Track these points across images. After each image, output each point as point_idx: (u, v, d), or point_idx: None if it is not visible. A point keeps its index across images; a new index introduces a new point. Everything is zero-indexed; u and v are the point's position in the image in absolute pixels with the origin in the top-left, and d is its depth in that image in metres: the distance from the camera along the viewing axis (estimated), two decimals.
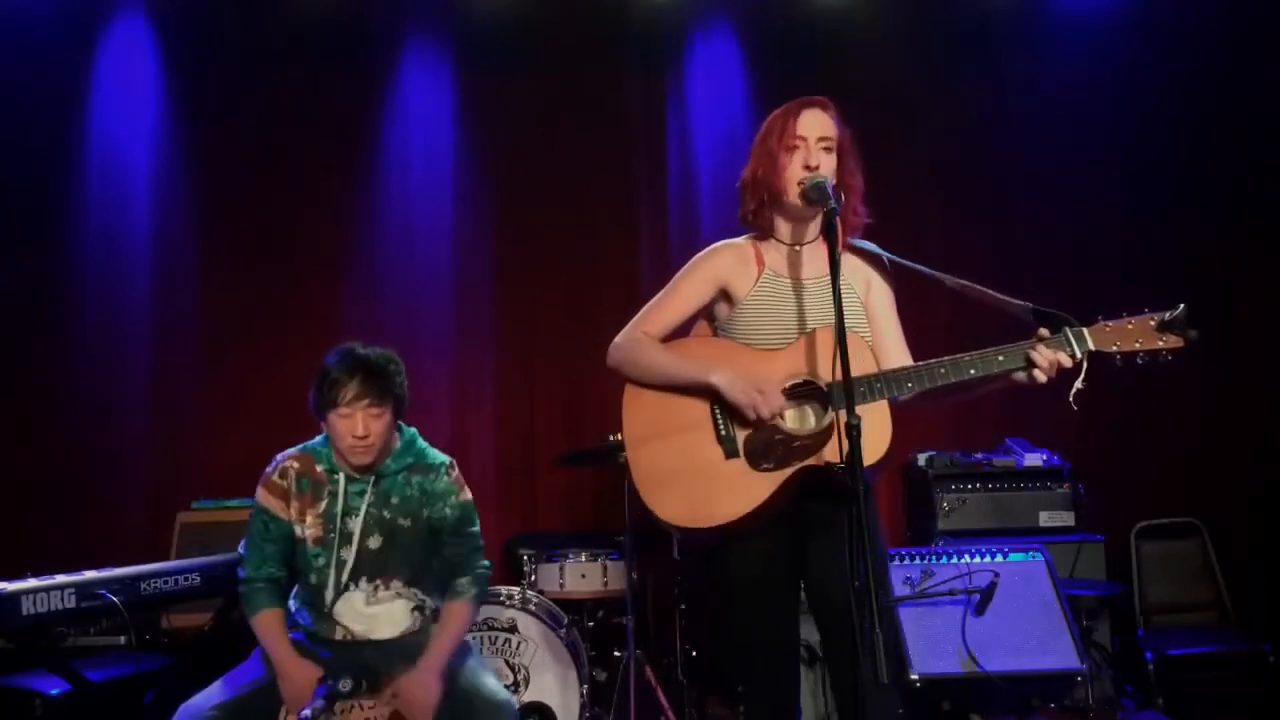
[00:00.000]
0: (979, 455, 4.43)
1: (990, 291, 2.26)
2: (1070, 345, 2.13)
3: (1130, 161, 4.99)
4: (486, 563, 2.79)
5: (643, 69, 5.09)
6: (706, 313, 2.46)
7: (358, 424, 2.53)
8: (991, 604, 3.63)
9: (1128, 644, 4.18)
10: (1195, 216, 4.85)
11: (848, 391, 1.97)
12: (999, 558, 3.80)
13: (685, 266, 2.46)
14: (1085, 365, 2.13)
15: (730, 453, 2.23)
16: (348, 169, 4.91)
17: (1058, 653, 3.58)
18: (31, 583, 2.50)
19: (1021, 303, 2.21)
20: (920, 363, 2.22)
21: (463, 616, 2.68)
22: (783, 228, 2.39)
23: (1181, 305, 2.11)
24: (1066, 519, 4.28)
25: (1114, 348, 2.12)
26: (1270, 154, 4.79)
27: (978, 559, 3.79)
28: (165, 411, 4.68)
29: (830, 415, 2.15)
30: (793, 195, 2.29)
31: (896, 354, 2.37)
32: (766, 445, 2.20)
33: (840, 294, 2.03)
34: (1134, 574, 4.43)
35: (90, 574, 2.65)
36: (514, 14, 4.98)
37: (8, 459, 4.49)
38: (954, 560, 3.77)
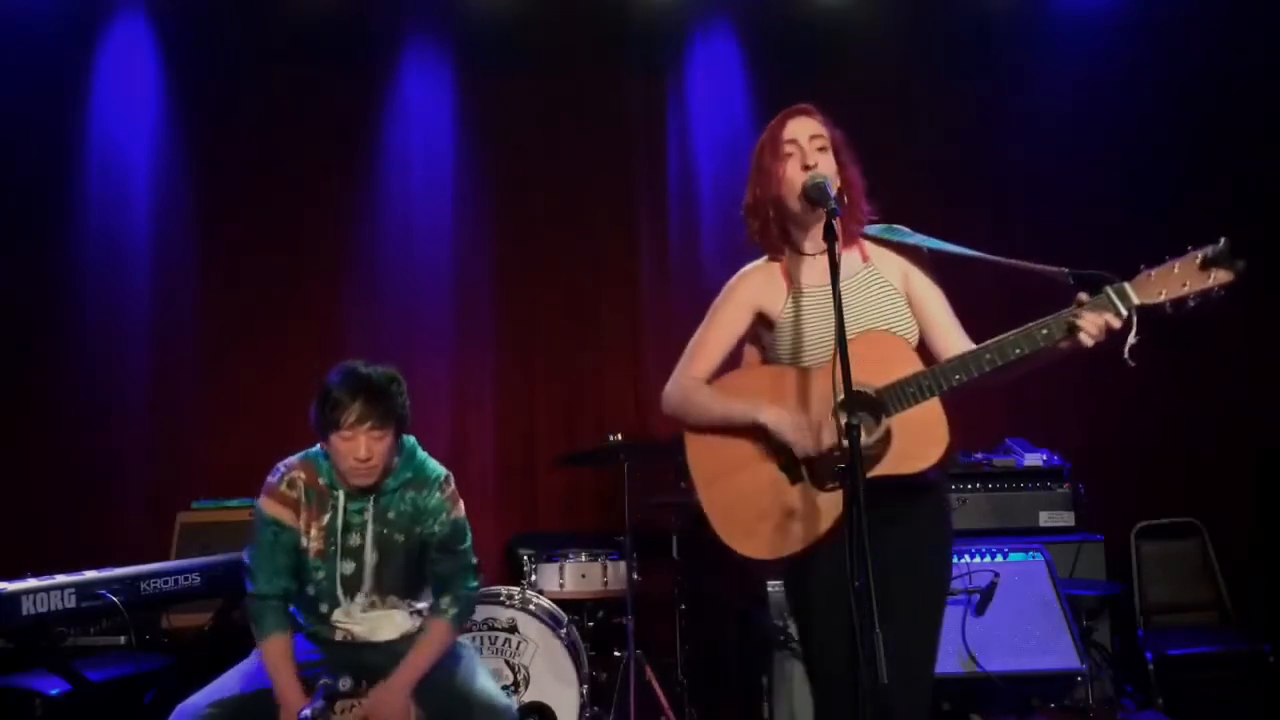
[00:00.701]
0: (979, 455, 4.42)
1: (1026, 263, 2.23)
2: (1114, 304, 2.06)
3: (1130, 161, 4.98)
4: (474, 584, 2.73)
5: (643, 69, 5.09)
6: (751, 338, 2.42)
7: (360, 447, 2.50)
8: (991, 604, 3.63)
9: (1128, 644, 4.17)
10: (1195, 216, 4.84)
11: (848, 392, 1.96)
12: (999, 558, 3.80)
13: (718, 298, 2.41)
14: (1135, 320, 2.05)
15: (795, 478, 2.20)
16: (348, 169, 4.91)
17: (1058, 653, 3.58)
18: (31, 583, 2.50)
19: (1058, 269, 2.16)
20: (965, 352, 2.16)
21: (441, 636, 2.63)
22: (796, 237, 2.35)
23: (1223, 239, 2.04)
24: (1066, 519, 4.27)
25: (1161, 296, 2.04)
26: (1270, 154, 4.79)
27: (978, 559, 3.79)
28: (165, 411, 4.68)
29: (886, 422, 2.11)
30: (795, 201, 2.25)
31: (954, 338, 2.29)
32: (828, 464, 2.15)
33: (840, 298, 2.00)
34: (1134, 574, 4.43)
35: (90, 574, 2.65)
36: (514, 14, 4.97)
37: (8, 459, 4.49)
38: (954, 560, 3.76)
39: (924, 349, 2.30)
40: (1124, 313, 2.05)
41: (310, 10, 4.90)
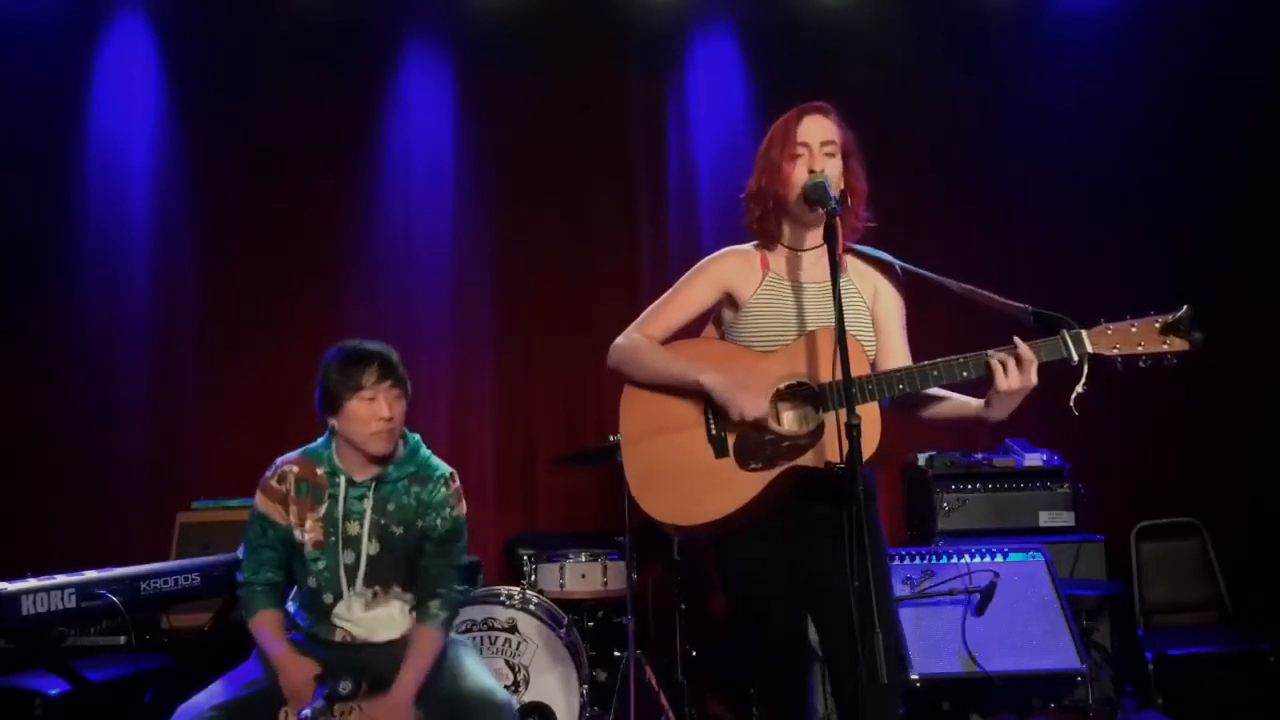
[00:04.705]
0: (979, 455, 4.42)
1: (992, 295, 2.25)
2: (1067, 347, 2.11)
3: (1130, 162, 4.98)
4: (461, 587, 2.72)
5: (643, 69, 5.09)
6: (713, 317, 2.46)
7: (382, 405, 2.55)
8: (991, 604, 3.63)
9: (1128, 644, 4.17)
10: (1195, 216, 4.85)
11: (847, 392, 1.97)
12: (999, 558, 3.79)
13: (691, 270, 2.46)
14: (1086, 368, 2.10)
15: (720, 452, 2.24)
16: (348, 169, 4.91)
17: (1058, 653, 3.58)
18: (31, 583, 2.50)
19: (1021, 305, 2.20)
20: (913, 364, 2.22)
21: (433, 643, 2.62)
22: (788, 233, 2.39)
23: (1185, 306, 2.08)
24: (1066, 519, 4.27)
25: (1114, 350, 2.10)
26: (1270, 154, 4.79)
27: (978, 559, 3.78)
28: (165, 411, 4.68)
29: (821, 416, 2.16)
30: (796, 201, 2.28)
31: (900, 362, 2.35)
32: (756, 445, 2.21)
33: (840, 294, 2.03)
34: (1134, 574, 4.43)
35: (90, 574, 2.65)
36: (514, 13, 4.98)
37: (8, 459, 4.49)
38: (954, 560, 3.77)
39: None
40: (1075, 358, 2.10)
41: (310, 10, 4.90)
